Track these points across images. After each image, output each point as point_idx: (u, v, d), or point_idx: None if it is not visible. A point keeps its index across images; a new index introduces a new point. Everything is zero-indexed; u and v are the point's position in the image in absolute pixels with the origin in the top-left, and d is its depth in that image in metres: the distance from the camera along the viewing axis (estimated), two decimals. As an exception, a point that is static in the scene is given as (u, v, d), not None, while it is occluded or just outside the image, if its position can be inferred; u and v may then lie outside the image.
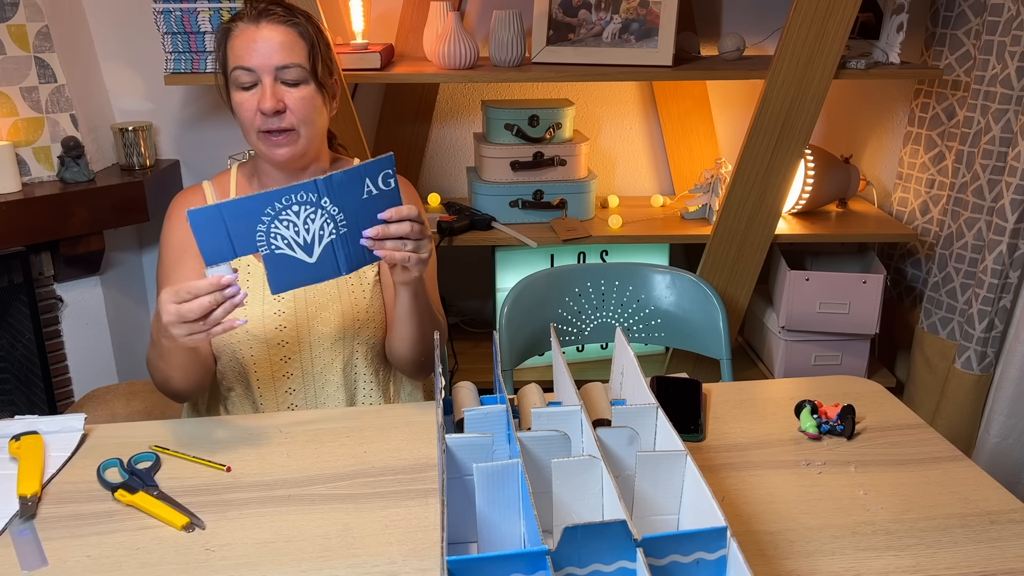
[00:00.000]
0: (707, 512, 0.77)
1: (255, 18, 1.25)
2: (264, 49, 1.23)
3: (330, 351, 1.35)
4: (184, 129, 2.31)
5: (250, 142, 1.30)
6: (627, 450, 0.87)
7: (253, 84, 1.24)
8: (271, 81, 1.24)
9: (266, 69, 1.23)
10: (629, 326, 1.76)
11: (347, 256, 1.09)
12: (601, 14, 2.05)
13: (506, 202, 2.16)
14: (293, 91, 1.25)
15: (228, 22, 1.28)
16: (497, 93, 2.37)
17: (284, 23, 1.25)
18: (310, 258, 1.06)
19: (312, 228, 1.04)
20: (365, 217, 1.07)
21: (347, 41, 2.11)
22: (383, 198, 1.07)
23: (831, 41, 1.93)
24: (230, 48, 1.26)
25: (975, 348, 2.11)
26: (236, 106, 1.27)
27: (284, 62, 1.23)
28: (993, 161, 2.04)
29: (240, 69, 1.24)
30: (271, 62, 1.23)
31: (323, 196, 1.03)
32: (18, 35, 1.93)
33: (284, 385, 1.35)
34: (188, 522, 0.97)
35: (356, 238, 1.08)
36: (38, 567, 0.90)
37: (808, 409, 1.18)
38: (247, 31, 1.24)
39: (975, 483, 1.06)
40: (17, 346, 2.12)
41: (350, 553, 0.93)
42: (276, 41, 1.23)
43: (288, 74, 1.24)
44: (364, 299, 1.35)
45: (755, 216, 2.10)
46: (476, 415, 0.93)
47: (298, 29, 1.26)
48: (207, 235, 1.02)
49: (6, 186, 1.92)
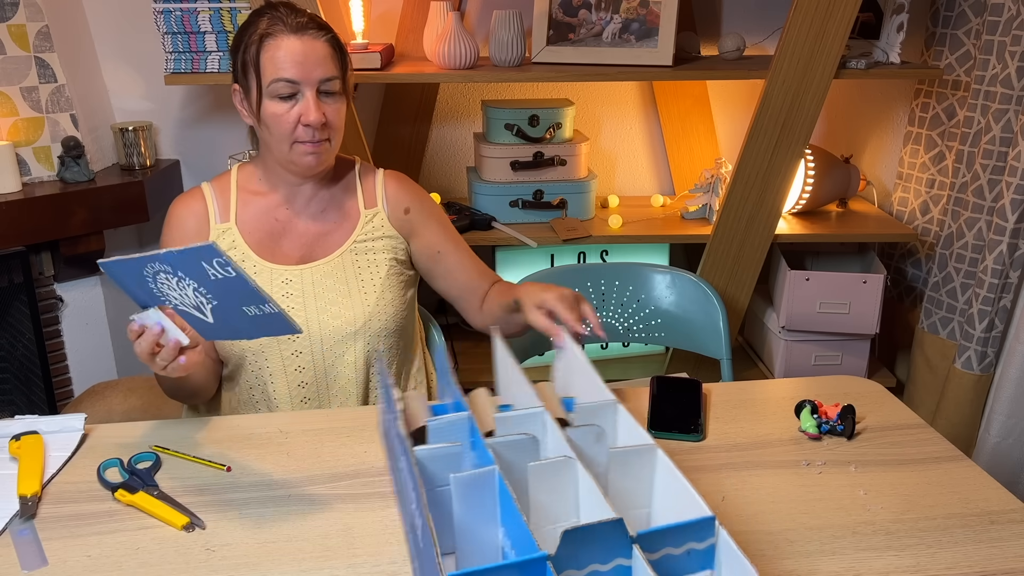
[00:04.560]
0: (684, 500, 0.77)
1: (296, 30, 1.26)
2: (308, 62, 1.25)
3: (341, 344, 1.35)
4: (184, 129, 2.31)
5: (279, 150, 1.31)
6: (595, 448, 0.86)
7: (291, 95, 1.26)
8: (313, 94, 1.26)
9: (310, 82, 1.26)
10: (629, 326, 1.76)
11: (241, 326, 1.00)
12: (601, 14, 2.05)
13: (506, 202, 2.16)
14: (331, 103, 1.29)
15: (256, 30, 1.27)
16: (497, 93, 2.37)
17: (322, 37, 1.28)
18: (208, 318, 1.01)
19: (188, 293, 0.99)
20: (228, 294, 0.97)
21: (347, 41, 2.11)
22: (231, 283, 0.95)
23: (831, 41, 1.93)
24: (268, 59, 1.26)
25: (975, 348, 2.11)
26: (272, 116, 1.27)
27: (327, 75, 1.27)
28: (993, 161, 2.03)
29: (283, 81, 1.25)
30: (315, 75, 1.26)
31: (176, 270, 0.96)
32: (18, 35, 1.93)
33: (297, 379, 1.35)
34: (188, 522, 0.97)
35: (232, 312, 0.99)
36: (38, 567, 0.90)
37: (808, 409, 1.18)
38: (289, 42, 1.25)
39: (975, 483, 1.06)
40: (17, 346, 2.12)
41: (350, 553, 0.93)
42: (319, 54, 1.27)
43: (329, 86, 1.28)
44: (374, 292, 1.37)
45: (755, 216, 2.10)
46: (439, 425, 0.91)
47: (333, 42, 1.30)
48: (125, 284, 1.00)
49: (6, 186, 1.92)
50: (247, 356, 1.34)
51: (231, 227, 1.36)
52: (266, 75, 1.26)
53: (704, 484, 1.05)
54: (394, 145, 2.33)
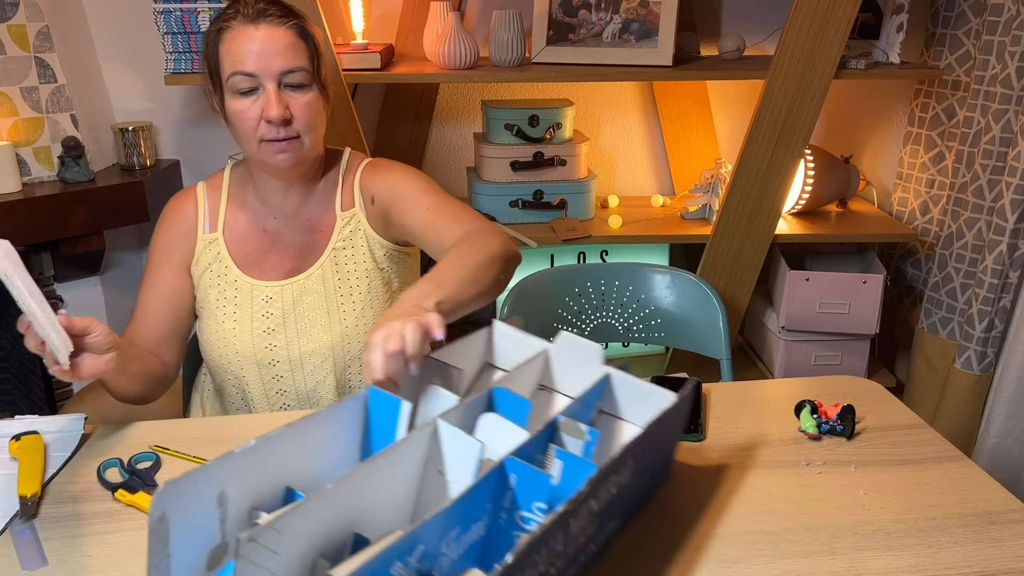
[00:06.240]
0: None
1: (252, 18, 1.16)
2: (267, 52, 1.15)
3: (320, 369, 1.30)
4: (184, 129, 2.31)
5: (248, 150, 1.23)
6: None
7: (253, 90, 1.17)
8: (275, 87, 1.17)
9: (269, 74, 1.16)
10: (629, 326, 1.76)
11: None
12: (601, 14, 2.05)
13: (506, 202, 2.16)
14: (298, 96, 1.19)
15: (218, 22, 1.18)
16: (497, 93, 2.37)
17: (284, 24, 1.17)
18: None
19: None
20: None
21: (347, 41, 2.11)
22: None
23: (831, 41, 1.93)
24: (224, 51, 1.17)
25: (975, 348, 2.11)
26: (235, 114, 1.19)
27: (288, 66, 1.16)
28: (993, 161, 2.04)
29: (240, 75, 1.16)
30: (274, 67, 1.16)
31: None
32: (18, 35, 1.93)
33: (279, 402, 1.33)
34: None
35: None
36: (38, 567, 0.90)
37: (808, 409, 1.18)
38: (244, 32, 1.15)
39: (975, 483, 1.06)
40: (17, 346, 2.12)
41: (350, 553, 0.93)
42: (279, 43, 1.16)
43: (293, 78, 1.17)
44: (353, 312, 1.30)
45: (755, 216, 2.10)
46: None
47: (298, 29, 1.18)
48: None
49: (6, 186, 1.92)
50: (228, 379, 1.32)
51: (217, 238, 1.31)
52: (224, 69, 1.17)
53: (704, 484, 1.05)
54: (394, 145, 2.33)
